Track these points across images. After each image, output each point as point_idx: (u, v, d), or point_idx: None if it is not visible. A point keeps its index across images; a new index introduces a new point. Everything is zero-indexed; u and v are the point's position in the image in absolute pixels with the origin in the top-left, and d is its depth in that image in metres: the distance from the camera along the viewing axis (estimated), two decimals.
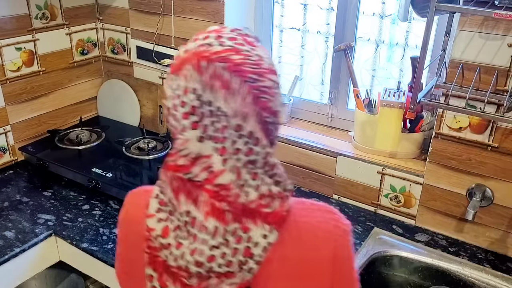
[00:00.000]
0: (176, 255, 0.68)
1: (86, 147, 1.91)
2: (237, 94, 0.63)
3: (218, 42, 0.67)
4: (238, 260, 0.66)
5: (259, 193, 0.67)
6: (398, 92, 1.60)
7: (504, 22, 1.25)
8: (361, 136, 1.67)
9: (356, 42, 1.73)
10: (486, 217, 1.45)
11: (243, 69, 0.64)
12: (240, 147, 0.65)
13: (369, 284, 1.46)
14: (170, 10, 1.87)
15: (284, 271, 0.69)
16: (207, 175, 0.66)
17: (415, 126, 1.59)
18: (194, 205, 0.67)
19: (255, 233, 0.66)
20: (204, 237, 0.66)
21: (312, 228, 0.72)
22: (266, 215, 0.67)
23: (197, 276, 0.67)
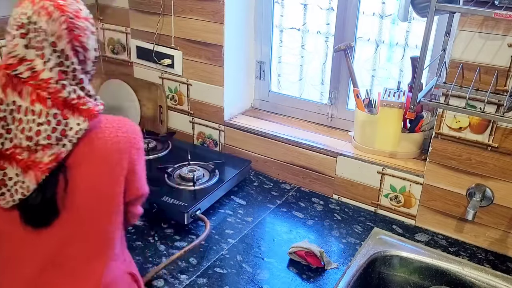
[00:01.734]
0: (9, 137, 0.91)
1: None
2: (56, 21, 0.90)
3: None
4: (56, 136, 0.90)
5: (76, 95, 0.93)
6: (398, 92, 1.60)
7: (504, 22, 1.25)
8: (361, 136, 1.67)
9: (356, 42, 1.73)
10: (486, 217, 1.45)
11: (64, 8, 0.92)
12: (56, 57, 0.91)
13: (369, 284, 1.46)
14: (170, 10, 1.87)
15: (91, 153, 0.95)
16: (30, 74, 0.90)
17: (415, 126, 1.59)
18: (19, 96, 0.90)
19: (72, 121, 0.92)
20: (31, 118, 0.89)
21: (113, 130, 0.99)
22: (82, 110, 0.93)
23: (27, 150, 0.90)
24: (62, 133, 0.91)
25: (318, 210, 1.68)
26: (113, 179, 0.99)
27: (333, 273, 1.36)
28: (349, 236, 1.53)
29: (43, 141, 0.90)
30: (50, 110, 0.90)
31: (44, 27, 0.90)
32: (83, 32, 0.94)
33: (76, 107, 0.92)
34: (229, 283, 1.32)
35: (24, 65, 0.90)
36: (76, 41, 0.93)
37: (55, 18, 0.90)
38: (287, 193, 1.78)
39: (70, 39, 0.92)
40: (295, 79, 1.98)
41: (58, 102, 0.91)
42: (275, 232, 1.55)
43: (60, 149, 0.91)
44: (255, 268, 1.38)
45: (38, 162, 0.90)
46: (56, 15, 0.90)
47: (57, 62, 0.91)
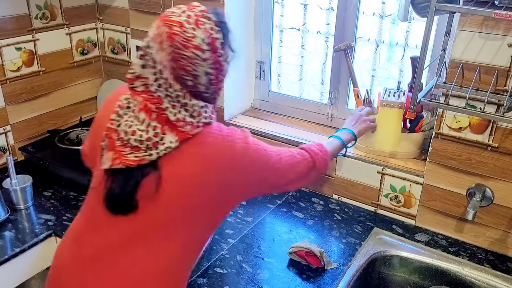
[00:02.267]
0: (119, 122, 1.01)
1: None
2: (163, 51, 0.97)
3: (178, 14, 0.99)
4: (147, 145, 0.99)
5: (176, 118, 1.00)
6: (398, 92, 1.60)
7: (504, 22, 1.25)
8: (361, 136, 1.67)
9: (356, 42, 1.73)
10: (486, 217, 1.45)
11: (174, 38, 0.96)
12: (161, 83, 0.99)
13: (369, 284, 1.46)
14: None
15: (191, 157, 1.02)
16: (144, 88, 1.01)
17: (415, 126, 1.59)
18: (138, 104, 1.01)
19: (168, 137, 0.99)
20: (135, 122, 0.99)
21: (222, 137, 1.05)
22: (178, 131, 1.00)
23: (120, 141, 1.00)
24: (154, 144, 0.99)
25: (318, 210, 1.68)
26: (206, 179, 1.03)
27: (333, 273, 1.36)
28: (349, 236, 1.53)
29: (134, 142, 0.99)
30: (152, 122, 0.99)
31: (154, 55, 0.98)
32: (190, 61, 0.97)
33: (175, 126, 1.00)
34: (229, 283, 1.32)
35: (139, 81, 1.01)
36: (182, 71, 0.97)
37: (164, 47, 0.97)
38: (287, 193, 1.78)
39: (174, 69, 0.97)
40: (295, 79, 1.98)
41: (162, 118, 0.99)
42: (275, 232, 1.55)
43: (146, 156, 0.99)
44: (255, 268, 1.38)
45: (123, 155, 0.99)
46: (165, 45, 0.96)
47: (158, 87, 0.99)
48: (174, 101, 1.00)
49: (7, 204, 1.57)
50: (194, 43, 0.96)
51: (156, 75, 0.99)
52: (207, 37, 0.98)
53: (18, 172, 1.63)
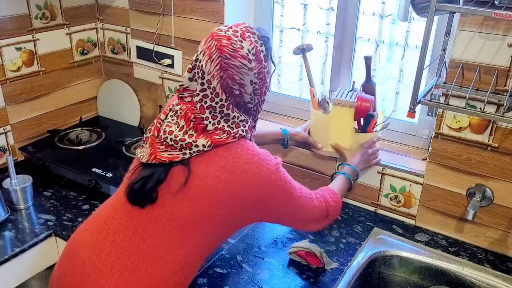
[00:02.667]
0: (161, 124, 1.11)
1: (86, 147, 1.91)
2: (213, 62, 1.04)
3: (226, 29, 1.08)
4: (181, 144, 1.06)
5: (214, 127, 1.07)
6: (352, 92, 1.58)
7: (504, 22, 1.25)
8: (316, 134, 1.63)
9: (356, 42, 1.73)
10: (486, 217, 1.45)
11: (223, 49, 1.04)
12: (207, 94, 1.06)
13: (369, 284, 1.46)
14: (170, 10, 1.87)
15: (218, 160, 1.06)
16: (190, 99, 1.09)
17: (367, 126, 1.55)
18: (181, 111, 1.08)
19: (201, 141, 1.06)
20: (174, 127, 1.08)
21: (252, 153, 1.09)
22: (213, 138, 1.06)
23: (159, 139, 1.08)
24: (188, 145, 1.06)
25: None
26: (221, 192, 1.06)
27: (333, 273, 1.36)
28: (349, 236, 1.53)
29: (170, 142, 1.07)
30: (189, 131, 1.07)
31: (203, 66, 1.05)
32: (237, 70, 1.04)
33: (210, 135, 1.06)
34: (229, 283, 1.32)
35: (187, 93, 1.10)
36: (230, 80, 1.04)
37: (213, 58, 1.04)
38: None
39: (222, 78, 1.04)
40: (295, 79, 1.98)
41: (199, 128, 1.07)
42: (275, 232, 1.55)
43: (179, 155, 1.06)
44: (255, 268, 1.38)
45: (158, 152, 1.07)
46: (215, 56, 1.03)
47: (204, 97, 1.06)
48: (216, 112, 1.06)
49: (7, 204, 1.57)
50: (241, 53, 1.04)
51: (203, 85, 1.05)
52: (252, 48, 1.06)
53: (18, 172, 1.63)
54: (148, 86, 2.07)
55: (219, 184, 1.05)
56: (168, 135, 1.07)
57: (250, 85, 1.07)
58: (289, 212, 1.19)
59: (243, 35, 1.07)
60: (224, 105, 1.06)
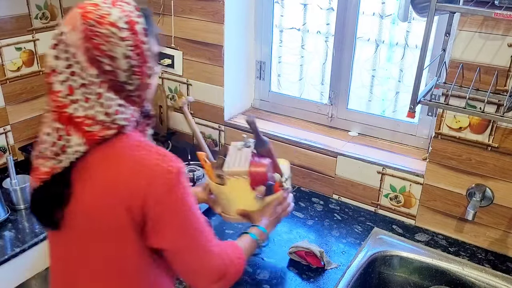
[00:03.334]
0: None
1: None
2: (76, 30, 0.86)
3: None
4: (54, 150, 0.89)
5: (85, 114, 0.87)
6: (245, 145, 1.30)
7: (504, 22, 1.25)
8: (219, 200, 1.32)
9: (356, 42, 1.73)
10: (486, 217, 1.45)
11: (87, 16, 0.86)
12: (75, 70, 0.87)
13: (369, 284, 1.46)
14: (170, 10, 1.87)
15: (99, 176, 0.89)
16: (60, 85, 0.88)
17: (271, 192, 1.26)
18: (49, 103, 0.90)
19: (74, 139, 0.88)
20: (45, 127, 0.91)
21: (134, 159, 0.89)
22: (85, 131, 0.87)
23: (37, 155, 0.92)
24: (62, 148, 0.88)
25: (318, 210, 1.68)
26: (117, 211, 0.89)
27: (333, 273, 1.36)
28: (349, 236, 1.53)
29: (45, 151, 0.90)
30: (54, 124, 0.89)
31: (67, 37, 0.87)
32: (105, 39, 0.86)
33: (78, 125, 0.87)
34: None
35: (53, 75, 0.88)
36: (96, 50, 0.86)
37: (76, 27, 0.86)
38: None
39: (87, 49, 0.86)
40: (295, 79, 1.98)
41: (63, 117, 0.88)
42: (275, 232, 1.55)
43: (56, 164, 0.89)
44: (255, 268, 1.38)
45: (37, 169, 0.91)
46: (78, 24, 0.86)
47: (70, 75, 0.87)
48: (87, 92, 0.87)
49: (7, 204, 1.57)
50: (109, 19, 0.86)
51: (69, 60, 0.86)
52: (124, 16, 0.88)
53: (18, 172, 1.63)
54: None
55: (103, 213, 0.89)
56: (41, 145, 0.90)
57: (123, 59, 0.87)
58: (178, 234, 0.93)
59: (114, 2, 0.89)
60: (95, 82, 0.87)
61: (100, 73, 0.87)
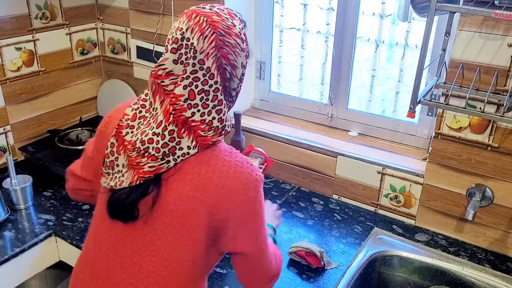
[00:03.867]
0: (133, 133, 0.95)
1: None
2: (207, 39, 0.90)
3: (209, 7, 0.96)
4: (164, 151, 0.91)
5: (201, 119, 0.92)
6: None
7: (504, 22, 1.25)
8: None
9: (356, 42, 1.73)
10: (486, 217, 1.45)
11: (216, 25, 0.91)
12: (199, 76, 0.91)
13: (369, 284, 1.46)
14: (170, 10, 1.87)
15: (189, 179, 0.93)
16: (174, 87, 0.92)
17: None
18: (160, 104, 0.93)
19: (185, 142, 0.92)
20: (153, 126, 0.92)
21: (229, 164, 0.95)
22: (198, 135, 0.92)
23: (137, 151, 0.93)
24: (171, 150, 0.92)
25: (318, 210, 1.68)
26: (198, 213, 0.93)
27: (333, 273, 1.36)
28: (349, 236, 1.53)
29: (152, 151, 0.92)
30: (169, 126, 0.91)
31: (195, 44, 0.90)
32: (233, 49, 0.93)
33: (194, 129, 0.92)
34: (229, 283, 1.31)
35: (170, 79, 0.93)
36: (224, 59, 0.92)
37: (207, 35, 0.90)
38: (287, 193, 1.78)
39: (218, 57, 0.91)
40: (295, 79, 1.98)
41: (179, 120, 0.91)
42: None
43: (163, 164, 0.92)
44: None
45: (140, 167, 0.92)
46: (208, 32, 0.90)
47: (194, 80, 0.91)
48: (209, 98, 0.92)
49: (7, 204, 1.57)
50: (235, 31, 0.93)
51: (195, 66, 0.91)
52: (242, 28, 0.96)
53: (18, 172, 1.63)
54: None
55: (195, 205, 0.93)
56: (149, 144, 0.92)
57: (240, 68, 0.96)
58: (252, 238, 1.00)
59: (230, 14, 0.96)
60: (218, 89, 0.93)
61: (221, 80, 0.93)
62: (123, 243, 0.99)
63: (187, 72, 0.91)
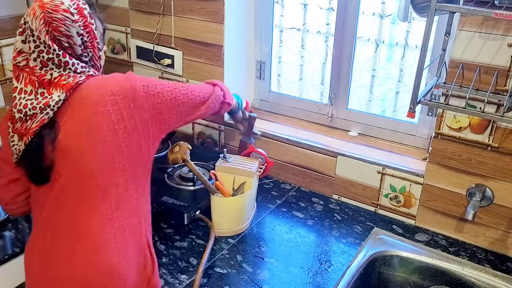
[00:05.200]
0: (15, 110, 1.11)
1: None
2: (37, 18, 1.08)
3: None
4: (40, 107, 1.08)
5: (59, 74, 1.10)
6: None
7: (504, 22, 1.25)
8: None
9: (356, 42, 1.73)
10: (486, 217, 1.45)
11: (45, 6, 1.08)
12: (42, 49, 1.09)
13: (369, 284, 1.46)
14: (170, 10, 1.87)
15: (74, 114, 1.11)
16: (26, 63, 1.11)
17: None
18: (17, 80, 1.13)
19: (55, 94, 1.09)
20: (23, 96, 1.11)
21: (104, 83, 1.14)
22: (62, 85, 1.10)
23: (20, 120, 1.10)
24: (46, 104, 1.09)
25: (318, 210, 1.68)
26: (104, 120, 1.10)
27: (333, 273, 1.36)
28: (349, 236, 1.53)
29: (30, 112, 1.08)
30: (39, 89, 1.10)
31: (30, 24, 1.09)
32: (62, 22, 1.09)
33: (57, 83, 1.10)
34: (229, 283, 1.32)
35: (21, 56, 1.12)
36: (55, 32, 1.08)
37: (37, 15, 1.08)
38: (287, 193, 1.78)
39: (48, 31, 1.08)
40: (295, 79, 1.98)
41: (44, 83, 1.10)
42: (275, 232, 1.55)
43: (43, 116, 1.08)
44: (255, 268, 1.38)
45: (29, 129, 1.08)
46: (38, 13, 1.08)
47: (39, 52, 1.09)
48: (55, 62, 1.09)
49: None
50: (62, 7, 1.09)
51: (35, 42, 1.08)
52: (73, 4, 1.11)
53: None
54: None
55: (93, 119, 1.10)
56: (23, 109, 1.09)
57: (77, 37, 1.11)
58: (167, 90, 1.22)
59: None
60: (59, 54, 1.10)
61: (60, 48, 1.10)
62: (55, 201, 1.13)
63: (32, 48, 1.09)
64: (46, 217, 1.14)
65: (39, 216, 1.17)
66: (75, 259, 1.10)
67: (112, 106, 1.10)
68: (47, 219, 1.14)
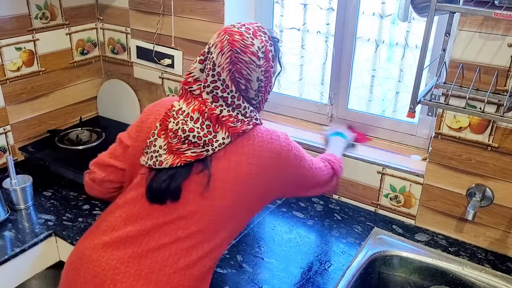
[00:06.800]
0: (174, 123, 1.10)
1: (86, 147, 1.91)
2: (224, 55, 1.08)
3: (238, 26, 1.13)
4: (204, 141, 1.08)
5: (228, 114, 1.10)
6: None
7: (504, 22, 1.25)
8: None
9: (356, 42, 1.73)
10: (486, 217, 1.45)
11: (235, 44, 1.08)
12: (218, 85, 1.10)
13: (369, 284, 1.46)
14: (170, 10, 1.87)
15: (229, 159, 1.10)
16: (199, 92, 1.12)
17: None
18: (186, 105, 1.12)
19: (220, 135, 1.09)
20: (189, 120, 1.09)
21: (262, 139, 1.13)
22: (229, 127, 1.09)
23: (178, 139, 1.09)
24: (210, 141, 1.08)
25: (318, 210, 1.68)
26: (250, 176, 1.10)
27: (333, 273, 1.36)
28: (349, 236, 1.53)
29: (193, 139, 1.08)
30: (206, 121, 1.09)
31: (214, 58, 1.09)
32: (246, 65, 1.09)
33: (225, 123, 1.09)
34: (229, 283, 1.32)
35: (196, 85, 1.12)
36: (237, 73, 1.09)
37: (224, 52, 1.07)
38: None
39: (231, 71, 1.08)
40: (295, 79, 1.98)
41: (212, 117, 1.09)
42: (275, 232, 1.55)
43: (203, 152, 1.08)
44: (255, 268, 1.38)
45: (181, 153, 1.08)
46: (226, 50, 1.08)
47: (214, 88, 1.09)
48: (228, 101, 1.10)
49: (7, 204, 1.57)
50: (251, 49, 1.08)
51: (214, 77, 1.09)
52: (262, 46, 1.11)
53: (18, 172, 1.63)
54: (148, 86, 2.07)
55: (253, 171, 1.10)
56: (189, 133, 1.08)
57: (256, 82, 1.11)
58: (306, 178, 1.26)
59: (255, 33, 1.12)
60: (234, 96, 1.10)
61: (237, 90, 1.10)
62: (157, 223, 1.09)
63: (208, 81, 1.10)
64: None
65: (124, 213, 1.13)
66: None
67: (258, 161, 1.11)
68: None
